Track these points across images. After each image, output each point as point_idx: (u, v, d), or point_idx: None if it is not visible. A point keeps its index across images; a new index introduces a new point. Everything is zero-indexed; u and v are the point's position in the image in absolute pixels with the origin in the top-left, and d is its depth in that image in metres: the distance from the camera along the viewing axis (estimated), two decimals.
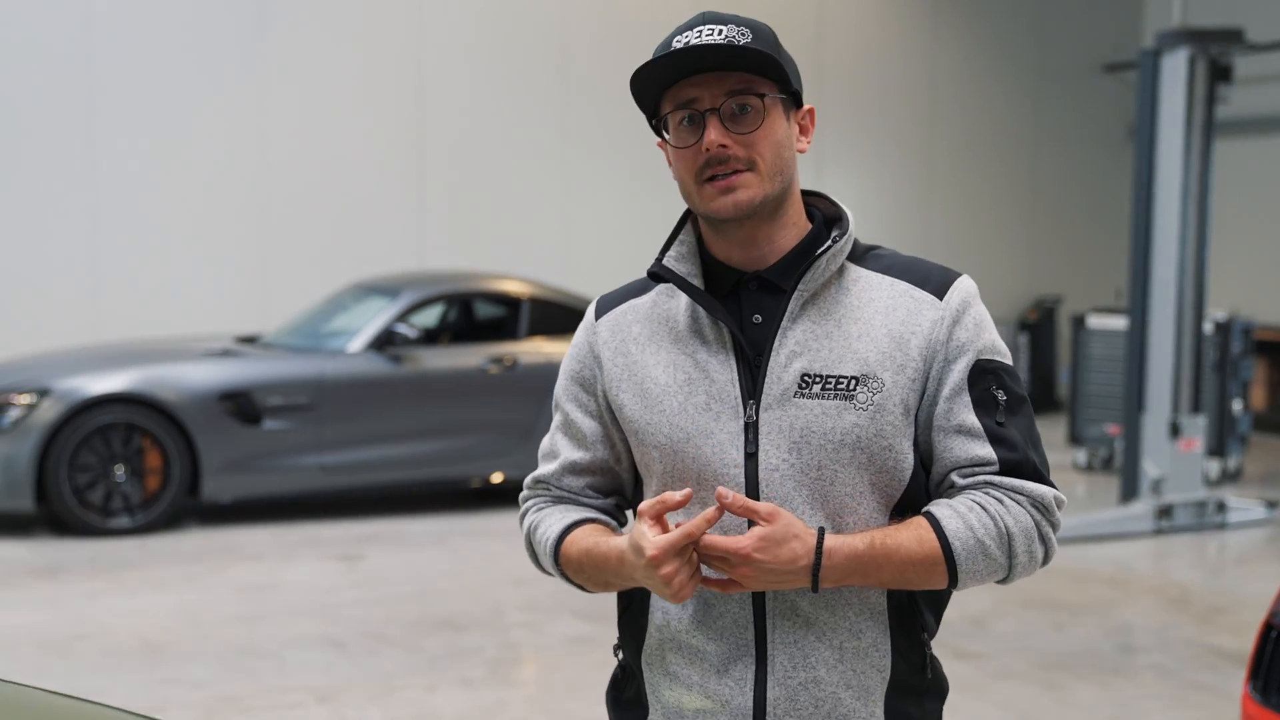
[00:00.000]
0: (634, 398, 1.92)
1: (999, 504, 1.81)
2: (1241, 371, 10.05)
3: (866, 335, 1.84)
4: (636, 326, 1.95)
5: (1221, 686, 5.59)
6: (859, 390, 1.82)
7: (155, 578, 6.99)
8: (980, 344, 1.85)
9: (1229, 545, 8.28)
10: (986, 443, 1.83)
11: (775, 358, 1.84)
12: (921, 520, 1.82)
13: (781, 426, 1.83)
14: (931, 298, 1.86)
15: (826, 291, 1.87)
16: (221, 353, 8.39)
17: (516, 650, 5.92)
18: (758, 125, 1.83)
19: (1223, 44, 8.39)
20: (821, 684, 1.84)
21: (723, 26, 1.84)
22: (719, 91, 1.83)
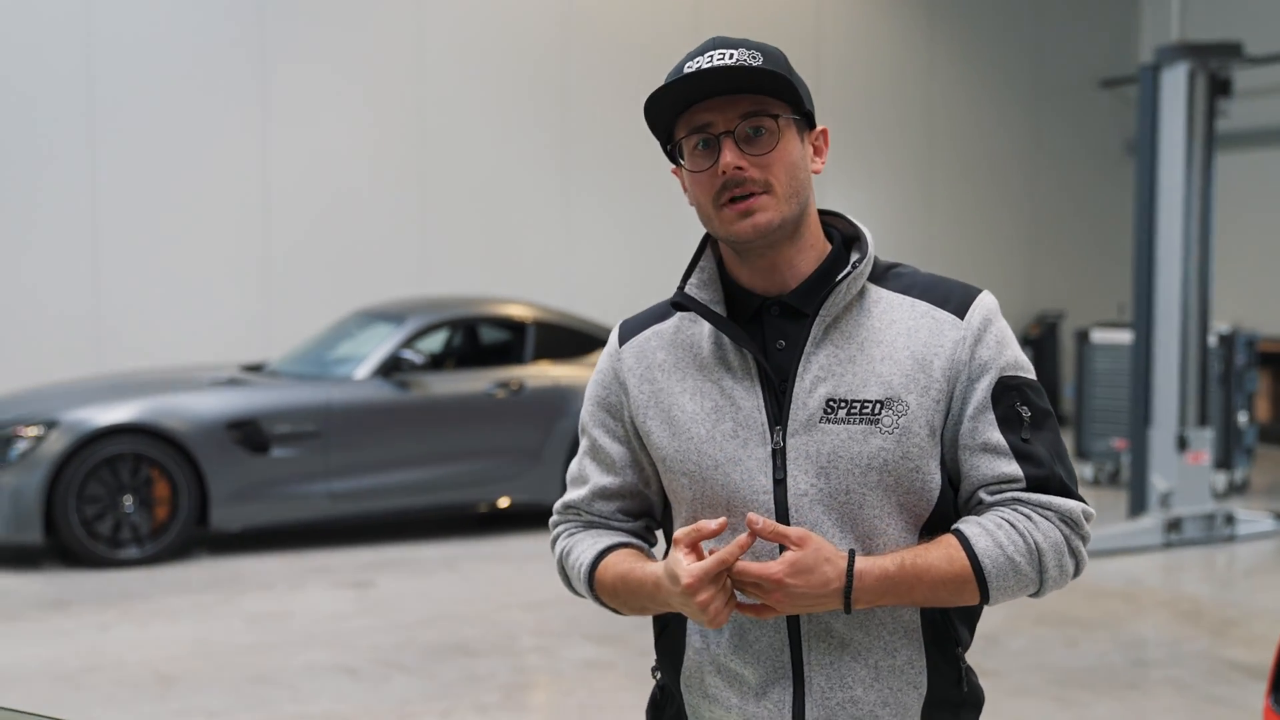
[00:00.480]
0: (661, 425, 1.93)
1: (1028, 520, 1.82)
2: (1246, 384, 10.06)
3: (890, 358, 1.85)
4: (661, 353, 1.96)
5: (1238, 699, 5.58)
6: (884, 414, 1.82)
7: (166, 608, 6.98)
8: (1003, 361, 1.86)
9: (1238, 558, 8.27)
10: (1013, 460, 1.84)
11: (800, 383, 1.85)
12: (951, 539, 1.82)
13: (809, 452, 1.84)
14: (953, 317, 1.86)
15: (848, 315, 1.88)
16: (228, 382, 8.40)
17: (530, 675, 5.91)
18: (773, 147, 1.84)
19: (1222, 58, 8.43)
20: (859, 703, 1.85)
21: (733, 50, 1.85)
22: (733, 114, 1.84)
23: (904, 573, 1.78)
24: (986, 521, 1.82)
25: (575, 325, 9.16)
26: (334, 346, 8.98)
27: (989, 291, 1.92)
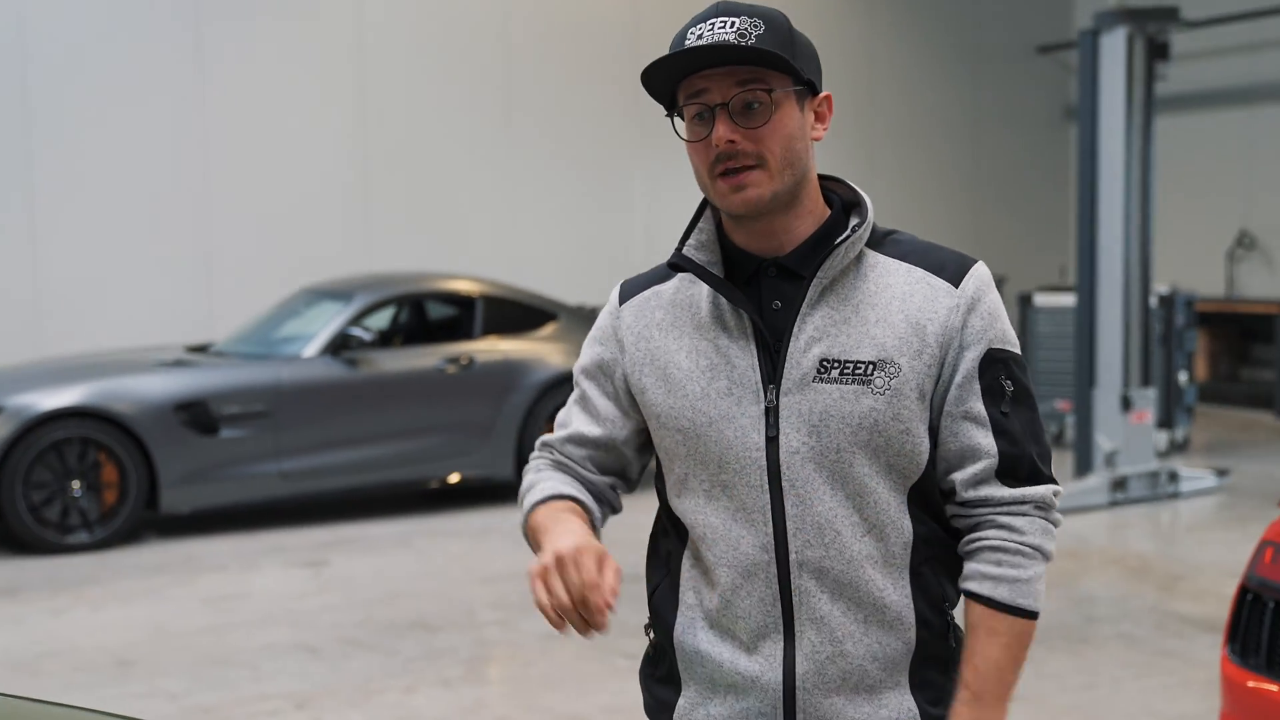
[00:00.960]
0: (656, 382, 1.95)
1: (1011, 532, 1.89)
2: (1186, 343, 10.21)
3: (884, 321, 1.87)
4: (659, 313, 1.99)
5: (1187, 651, 5.69)
6: (876, 375, 1.85)
7: (119, 592, 6.93)
8: (993, 333, 1.90)
9: (1182, 514, 8.42)
10: (990, 432, 1.88)
11: (794, 343, 1.88)
12: (979, 611, 1.89)
13: (801, 411, 1.86)
14: (948, 285, 1.89)
15: (845, 278, 1.90)
16: (174, 363, 8.31)
17: (491, 648, 5.92)
18: (766, 120, 1.85)
19: (1159, 22, 8.53)
20: (849, 657, 1.88)
21: (735, 19, 1.85)
22: (729, 85, 1.85)
23: (996, 680, 1.87)
24: (988, 568, 1.89)
25: (524, 299, 9.14)
26: (280, 325, 8.90)
27: (983, 262, 1.95)
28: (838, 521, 1.87)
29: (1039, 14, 14.39)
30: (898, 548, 1.90)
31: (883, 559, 1.89)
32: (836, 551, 1.87)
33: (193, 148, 10.41)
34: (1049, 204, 14.47)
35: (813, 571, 1.87)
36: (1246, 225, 12.79)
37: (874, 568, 1.88)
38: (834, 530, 1.86)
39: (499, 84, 11.58)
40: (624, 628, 6.05)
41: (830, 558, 1.87)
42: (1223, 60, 12.80)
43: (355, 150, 11.03)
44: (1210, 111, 12.96)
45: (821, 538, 1.86)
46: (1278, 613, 3.67)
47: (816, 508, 1.87)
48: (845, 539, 1.87)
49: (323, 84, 10.88)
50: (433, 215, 11.35)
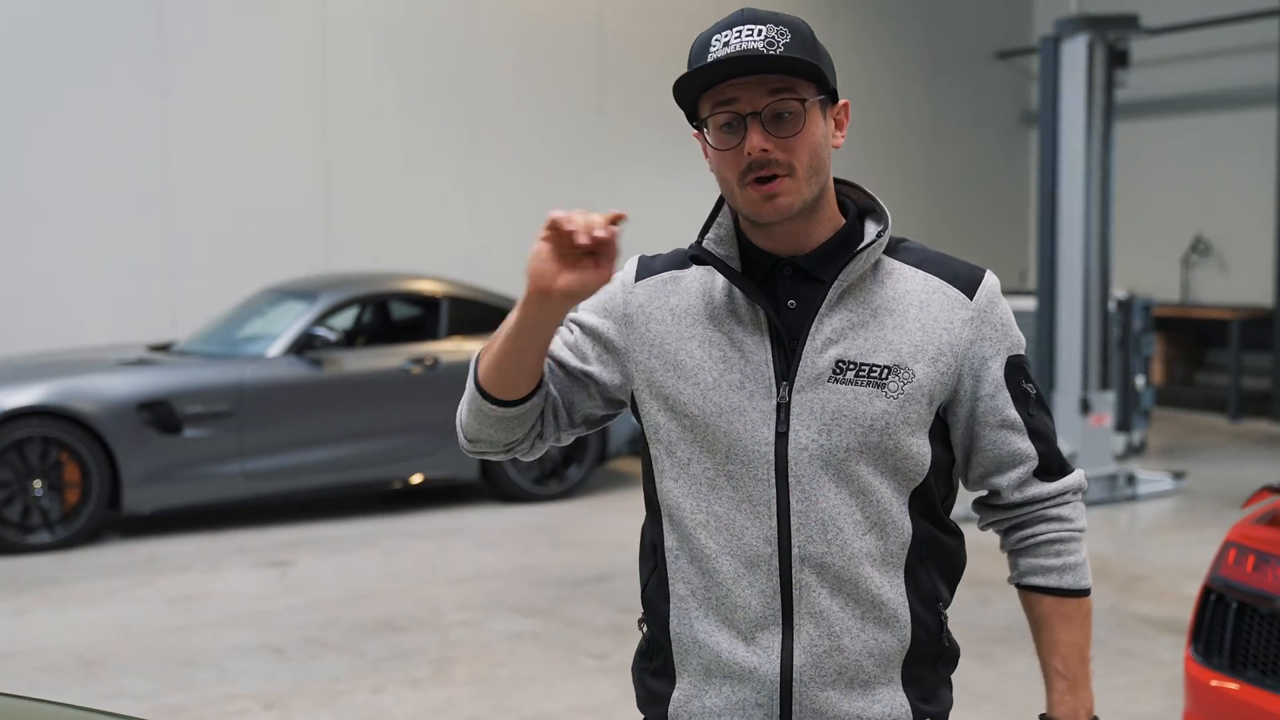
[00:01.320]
0: (665, 366, 1.97)
1: (1063, 523, 2.03)
2: (1143, 348, 10.33)
3: (901, 327, 1.92)
4: (674, 298, 2.00)
5: (1149, 652, 5.77)
6: (890, 379, 1.90)
7: (82, 592, 6.88)
8: (1009, 341, 1.99)
9: (1140, 516, 8.53)
10: (1026, 436, 2.00)
11: (811, 342, 1.91)
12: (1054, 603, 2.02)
13: (813, 408, 1.90)
14: (962, 296, 1.96)
15: (862, 282, 1.94)
16: (136, 362, 8.26)
17: (459, 649, 5.92)
18: (798, 130, 1.87)
19: (1120, 29, 8.64)
20: (845, 652, 1.92)
21: (762, 26, 1.87)
22: (760, 94, 1.87)
23: (1081, 661, 2.03)
24: (1049, 560, 2.02)
25: (488, 300, 9.14)
26: (243, 325, 8.86)
27: (991, 271, 2.02)
28: (840, 518, 1.90)
29: (999, 19, 14.52)
30: (895, 547, 1.94)
31: (881, 557, 1.93)
32: (838, 548, 1.90)
33: (155, 145, 10.35)
34: (1008, 208, 14.61)
35: (814, 566, 1.91)
36: (1202, 231, 12.95)
37: (872, 565, 1.92)
38: (836, 527, 1.90)
39: (462, 84, 11.58)
40: (590, 629, 6.11)
41: (832, 553, 1.90)
42: (1179, 68, 12.97)
43: (318, 149, 11.00)
44: (1166, 118, 13.12)
45: (824, 533, 1.90)
46: (1241, 613, 3.74)
47: (821, 504, 1.90)
48: (847, 536, 1.90)
49: (286, 83, 10.84)
50: (395, 215, 11.33)
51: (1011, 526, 2.05)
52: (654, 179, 12.43)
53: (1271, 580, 3.68)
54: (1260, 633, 3.69)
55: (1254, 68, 12.39)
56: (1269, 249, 12.19)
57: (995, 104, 14.56)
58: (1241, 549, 3.81)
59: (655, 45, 12.32)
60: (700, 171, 10.38)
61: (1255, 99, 12.35)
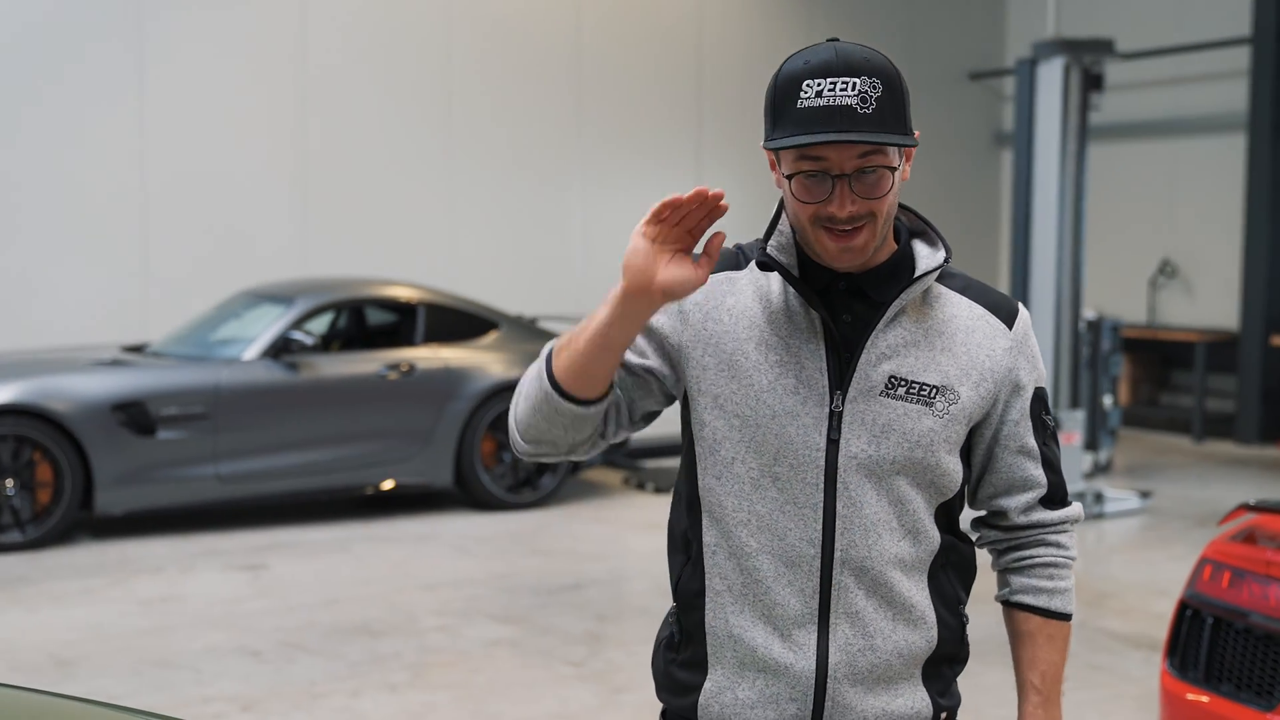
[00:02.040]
0: (719, 364, 2.01)
1: (1060, 550, 2.15)
2: (1111, 368, 10.44)
3: (949, 350, 2.02)
4: (731, 299, 2.04)
5: (1119, 666, 5.85)
6: (938, 399, 2.00)
7: (54, 592, 6.86)
8: (1038, 373, 2.11)
9: (1108, 534, 8.63)
10: (1039, 465, 2.11)
11: (866, 355, 1.98)
12: (1040, 623, 2.12)
13: (865, 419, 1.98)
14: (1003, 326, 2.07)
15: (915, 304, 2.03)
16: (111, 362, 8.23)
17: (436, 654, 5.94)
18: (886, 191, 1.92)
19: (1095, 53, 8.75)
20: (877, 651, 2.01)
21: (855, 80, 1.88)
22: (850, 156, 1.90)
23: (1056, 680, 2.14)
24: (1042, 582, 2.13)
25: (464, 307, 9.17)
26: (219, 327, 8.85)
27: (1022, 304, 2.13)
28: (880, 525, 1.99)
29: (972, 41, 14.66)
30: (925, 553, 2.04)
31: (912, 563, 2.02)
32: (877, 552, 1.99)
33: (131, 146, 10.32)
34: (980, 227, 14.73)
35: (854, 569, 1.99)
36: (1169, 254, 13.10)
37: (902, 570, 2.01)
38: (877, 533, 1.99)
39: (440, 91, 11.60)
40: (566, 636, 6.14)
41: (871, 558, 1.99)
42: (1149, 93, 13.13)
43: (295, 154, 10.99)
44: (1136, 142, 13.27)
45: (866, 538, 1.98)
46: (1216, 628, 3.82)
47: (865, 510, 1.98)
48: (885, 542, 1.99)
49: (264, 86, 10.83)
50: (371, 221, 11.32)
51: (1010, 547, 2.16)
52: (630, 192, 12.48)
53: (1246, 596, 3.75)
54: (1235, 647, 3.76)
55: (1224, 94, 12.56)
56: (1235, 273, 12.36)
57: (968, 124, 14.69)
58: (1217, 565, 3.88)
59: (633, 59, 12.38)
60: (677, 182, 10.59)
61: (1224, 125, 12.52)
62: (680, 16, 12.62)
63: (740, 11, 12.97)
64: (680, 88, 12.35)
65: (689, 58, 12.54)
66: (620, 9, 12.30)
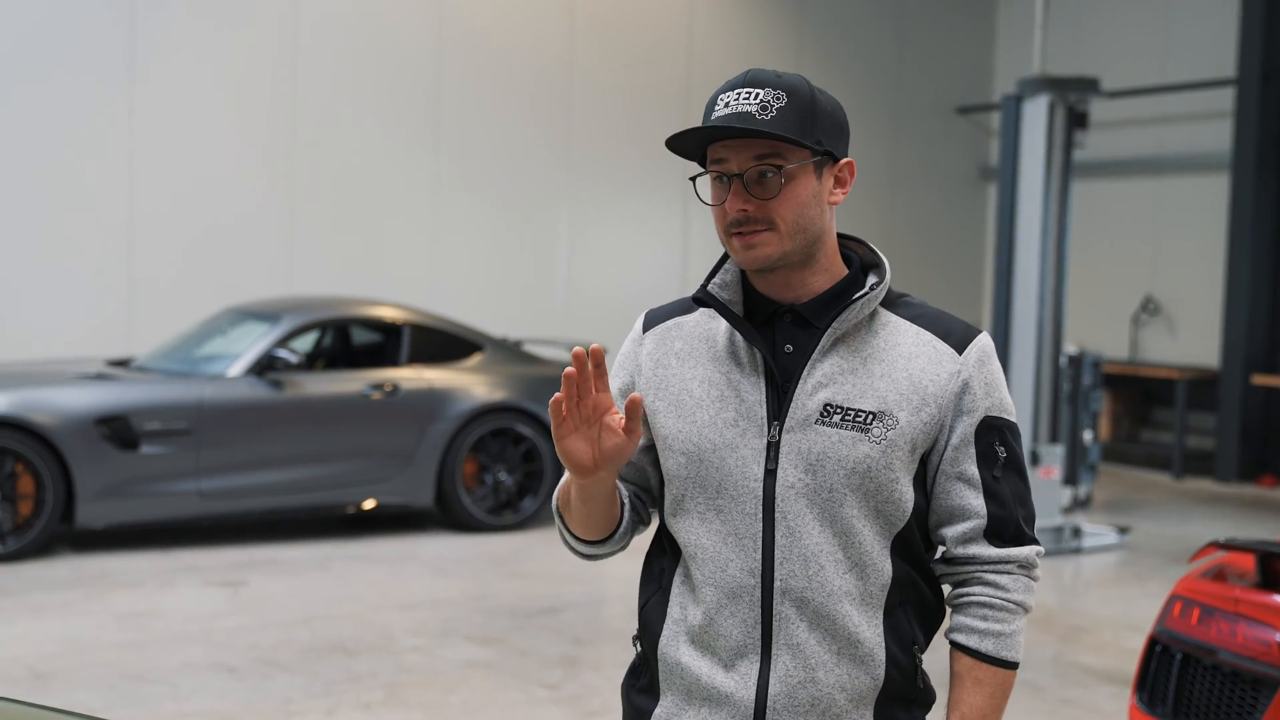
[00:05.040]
0: (668, 406, 2.08)
1: (997, 590, 2.04)
2: (1092, 403, 10.51)
3: (888, 376, 2.01)
4: (679, 342, 2.11)
5: (1089, 701, 5.89)
6: (874, 425, 1.98)
7: (33, 605, 6.86)
8: (989, 401, 2.04)
9: (1085, 569, 8.67)
10: (980, 494, 2.04)
11: (803, 385, 2.01)
12: (965, 661, 2.03)
13: (800, 449, 1.99)
14: (952, 351, 2.03)
15: (857, 332, 2.04)
16: (96, 376, 8.25)
17: (411, 674, 5.95)
18: (777, 192, 1.97)
19: (1080, 91, 8.83)
20: (819, 684, 1.99)
21: (760, 90, 1.97)
22: (746, 156, 1.97)
23: None
24: (975, 622, 2.04)
25: (449, 329, 9.20)
26: (203, 343, 8.87)
27: (987, 333, 2.09)
28: (822, 556, 1.98)
29: (960, 76, 14.77)
30: (875, 588, 2.01)
31: (860, 597, 2.00)
32: (819, 584, 1.98)
33: (118, 160, 10.35)
34: (963, 261, 14.82)
35: (794, 600, 1.99)
36: (1151, 291, 13.20)
37: (851, 604, 2.00)
38: (818, 564, 1.98)
39: (428, 113, 11.65)
40: (542, 659, 6.16)
41: (812, 589, 1.98)
42: (1134, 131, 13.24)
43: (282, 173, 11.03)
44: (1120, 180, 13.38)
45: (806, 569, 1.98)
46: (1185, 664, 3.86)
47: (804, 540, 1.98)
48: (828, 573, 1.98)
49: (253, 105, 10.88)
50: (357, 242, 11.37)
51: (954, 582, 2.09)
52: (618, 216, 12.54)
53: (1215, 633, 3.80)
54: (1203, 684, 3.81)
55: (1207, 134, 12.68)
56: (1217, 312, 12.45)
57: (953, 158, 14.79)
58: (1187, 602, 3.93)
59: (623, 82, 12.46)
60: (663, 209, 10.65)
61: (1208, 165, 12.63)
62: (670, 47, 12.71)
63: (730, 44, 13.07)
64: (669, 117, 12.42)
65: (678, 87, 12.62)
66: (611, 38, 12.39)
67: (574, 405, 1.94)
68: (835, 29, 13.90)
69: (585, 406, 1.95)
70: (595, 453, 1.96)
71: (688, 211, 12.62)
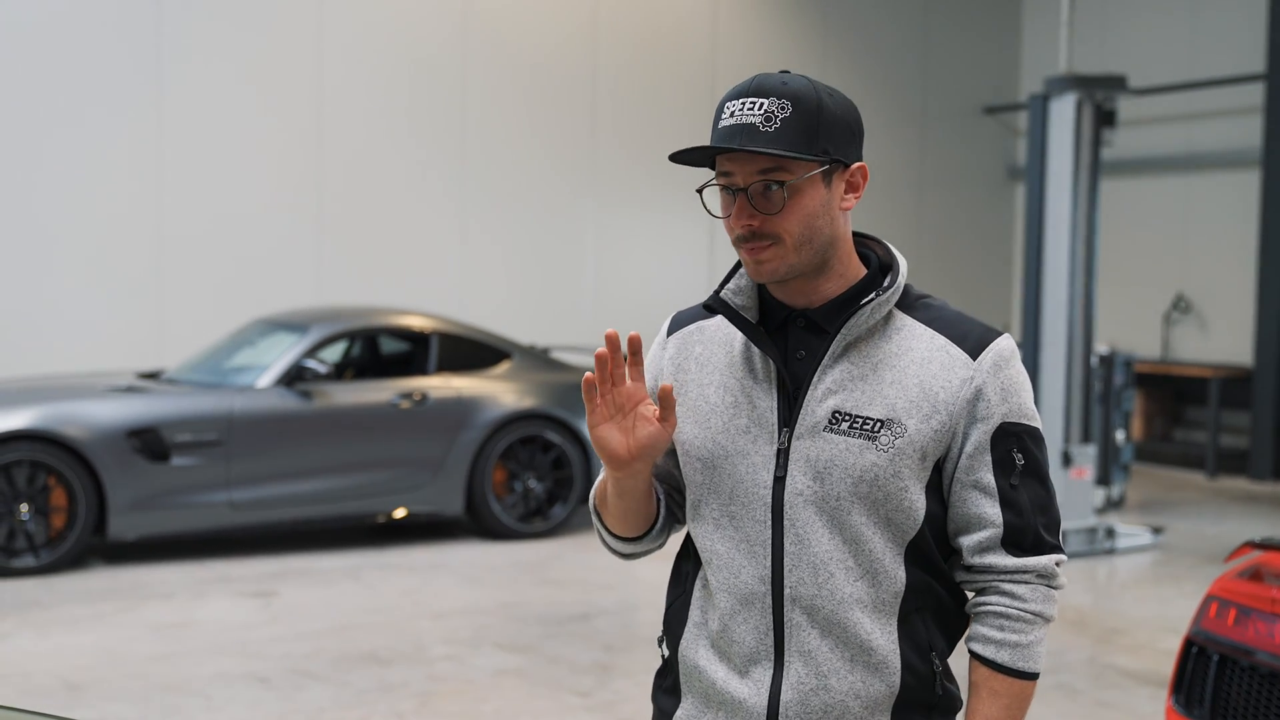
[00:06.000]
0: (686, 412, 2.08)
1: (1014, 600, 1.99)
2: (1124, 403, 10.44)
3: (898, 383, 1.97)
4: (699, 347, 2.12)
5: (1126, 704, 5.84)
6: (882, 433, 1.95)
7: (66, 617, 6.89)
8: (1006, 407, 1.98)
9: (1119, 570, 8.61)
10: (996, 503, 1.98)
11: (812, 393, 1.99)
12: (986, 674, 1.98)
13: (809, 456, 1.97)
14: (966, 357, 1.98)
15: (870, 337, 2.00)
16: (127, 389, 8.29)
17: (444, 683, 5.95)
18: (781, 207, 1.94)
19: (1108, 89, 8.78)
20: (831, 691, 1.98)
21: (764, 100, 1.93)
22: (751, 170, 1.95)
23: None
24: (992, 632, 1.99)
25: (477, 337, 9.21)
26: (233, 355, 8.90)
27: (1008, 335, 2.03)
28: (832, 563, 1.96)
29: (986, 76, 14.71)
30: (888, 595, 1.98)
31: (872, 604, 1.97)
32: (828, 591, 1.96)
33: (147, 173, 10.41)
34: (992, 261, 14.75)
35: (805, 607, 1.97)
36: (1182, 289, 13.11)
37: (863, 611, 1.97)
38: (828, 571, 1.96)
39: (455, 122, 11.68)
40: (574, 666, 6.15)
41: (822, 596, 1.96)
42: (1163, 129, 13.16)
43: (310, 184, 11.07)
44: (1150, 178, 13.30)
45: (815, 576, 1.96)
46: (1222, 666, 3.82)
47: (813, 548, 1.97)
48: (838, 580, 1.96)
49: (280, 116, 10.93)
50: (385, 251, 11.40)
51: (973, 590, 2.04)
52: (644, 221, 12.54)
53: (1252, 634, 3.75)
54: (1240, 685, 3.76)
55: (1238, 131, 12.58)
56: (1249, 309, 12.35)
57: (981, 158, 14.73)
58: (1223, 603, 3.89)
59: (647, 88, 12.45)
60: (689, 214, 10.63)
61: (1238, 161, 12.53)
62: (694, 52, 12.69)
63: (754, 49, 13.04)
64: (693, 121, 12.41)
65: (702, 91, 12.60)
66: (636, 41, 12.39)
67: (607, 390, 1.95)
68: (859, 32, 13.86)
69: (619, 395, 1.96)
70: (630, 442, 1.97)
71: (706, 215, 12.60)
